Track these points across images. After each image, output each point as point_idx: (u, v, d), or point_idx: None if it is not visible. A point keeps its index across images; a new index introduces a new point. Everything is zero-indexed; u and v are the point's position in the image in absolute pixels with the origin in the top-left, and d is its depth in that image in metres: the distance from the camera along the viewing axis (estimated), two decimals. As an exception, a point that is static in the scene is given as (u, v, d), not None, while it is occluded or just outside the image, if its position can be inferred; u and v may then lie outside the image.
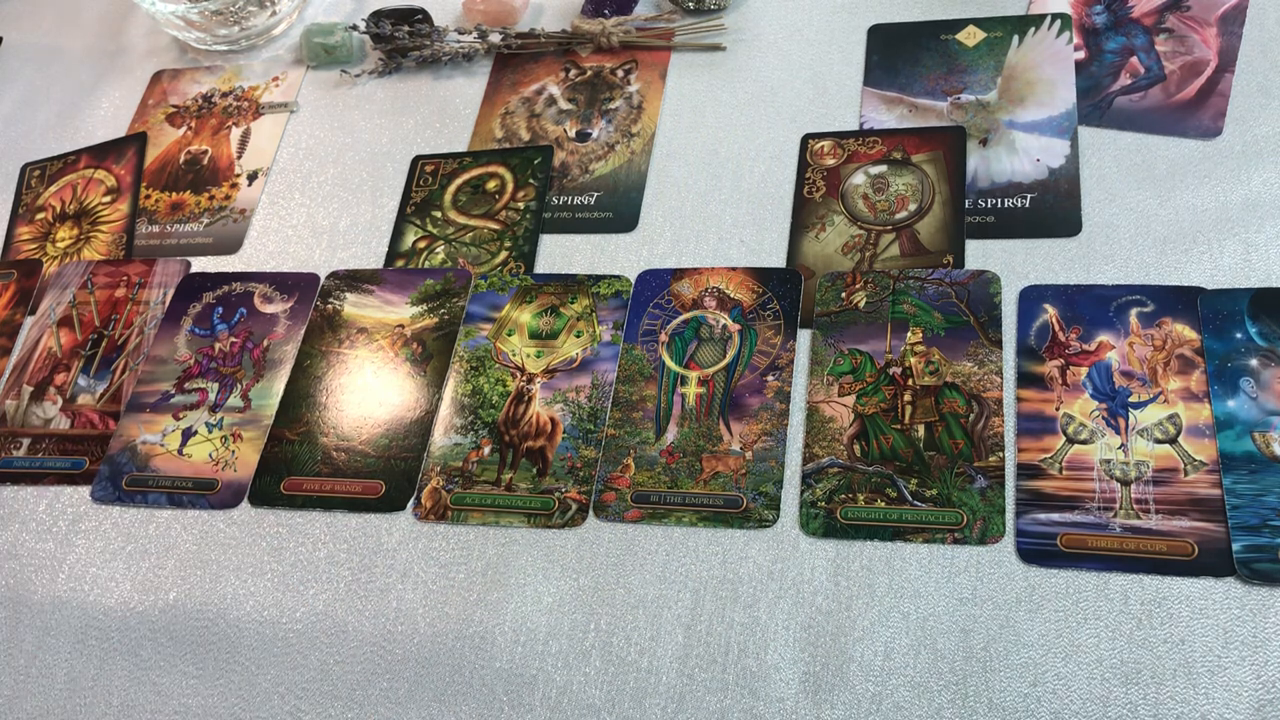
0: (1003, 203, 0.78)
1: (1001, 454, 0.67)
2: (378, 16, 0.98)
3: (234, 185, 0.95)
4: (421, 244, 0.87)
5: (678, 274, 0.80)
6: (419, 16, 0.98)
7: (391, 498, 0.74)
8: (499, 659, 0.66)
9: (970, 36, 0.87)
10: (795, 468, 0.70)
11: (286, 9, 1.04)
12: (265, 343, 0.83)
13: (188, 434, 0.80)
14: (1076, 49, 0.84)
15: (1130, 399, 0.67)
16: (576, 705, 0.64)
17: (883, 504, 0.67)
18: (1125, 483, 0.65)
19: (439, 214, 0.89)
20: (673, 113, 0.90)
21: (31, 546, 0.77)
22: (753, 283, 0.78)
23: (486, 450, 0.74)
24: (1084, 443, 0.66)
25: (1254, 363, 0.67)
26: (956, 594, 0.63)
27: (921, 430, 0.69)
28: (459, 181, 0.90)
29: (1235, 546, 0.61)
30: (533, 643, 0.67)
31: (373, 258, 0.87)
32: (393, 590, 0.70)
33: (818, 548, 0.67)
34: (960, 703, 0.60)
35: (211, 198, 0.95)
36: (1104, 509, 0.64)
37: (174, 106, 1.02)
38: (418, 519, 0.73)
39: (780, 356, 0.74)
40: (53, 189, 1.00)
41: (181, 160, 0.98)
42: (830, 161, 0.83)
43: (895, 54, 0.88)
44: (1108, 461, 0.65)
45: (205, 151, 0.98)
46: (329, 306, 0.84)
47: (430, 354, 0.80)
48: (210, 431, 0.79)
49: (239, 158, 0.97)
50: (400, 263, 0.86)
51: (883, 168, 0.82)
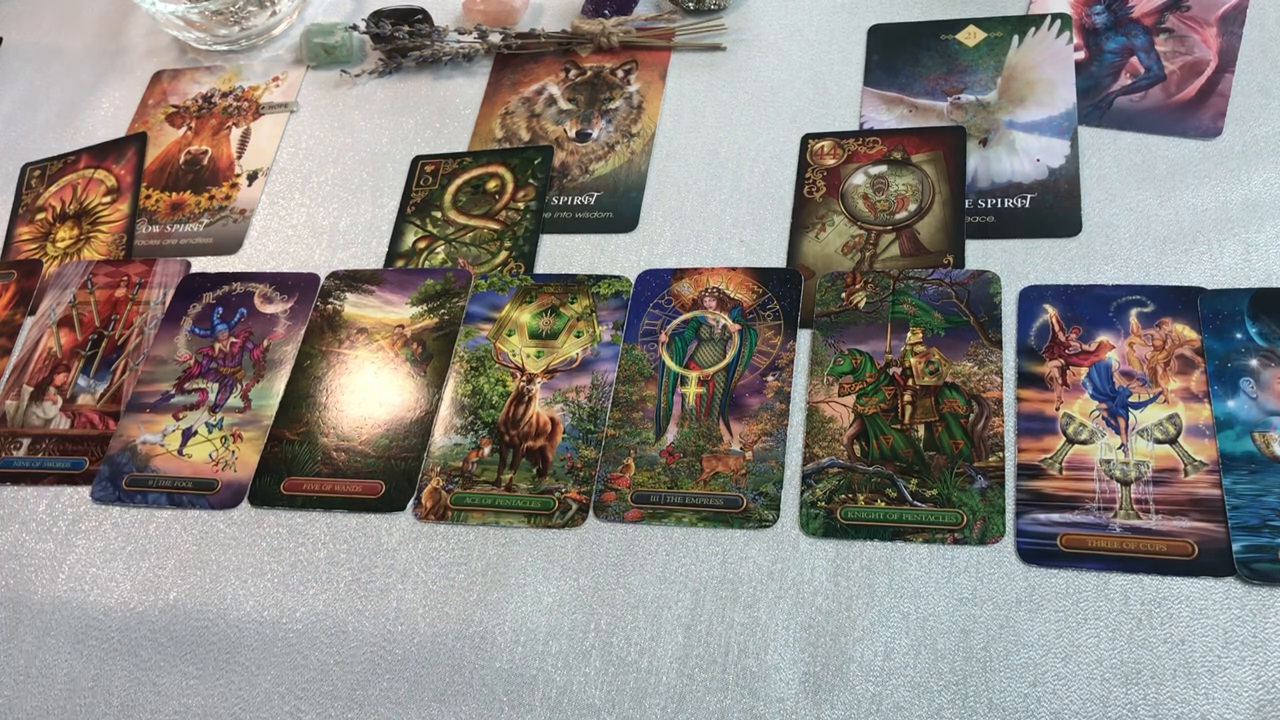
0: (1003, 203, 0.78)
1: (1001, 454, 0.67)
2: (378, 16, 0.98)
3: (234, 185, 0.95)
4: (421, 244, 0.87)
5: (678, 274, 0.80)
6: (419, 16, 0.98)
7: (391, 498, 0.74)
8: (499, 659, 0.66)
9: (970, 36, 0.87)
10: (795, 468, 0.70)
11: (286, 9, 1.04)
12: (265, 343, 0.83)
13: (188, 434, 0.80)
14: (1076, 49, 0.84)
15: (1130, 399, 0.67)
16: (576, 705, 0.64)
17: (883, 504, 0.67)
18: (1125, 483, 0.65)
19: (439, 214, 0.89)
20: (673, 113, 0.90)
21: (31, 546, 0.77)
22: (753, 283, 0.78)
23: (486, 450, 0.74)
24: (1084, 443, 0.66)
25: (1254, 363, 0.67)
26: (956, 594, 0.63)
27: (921, 430, 0.69)
28: (459, 182, 0.90)
29: (1235, 547, 0.61)
30: (533, 643, 0.67)
31: (373, 258, 0.87)
32: (393, 590, 0.70)
33: (818, 548, 0.67)
34: (960, 703, 0.60)
35: (211, 198, 0.95)
36: (1104, 509, 0.64)
37: (174, 106, 1.02)
38: (418, 519, 0.73)
39: (780, 356, 0.74)
40: (53, 189, 1.00)
41: (181, 160, 0.98)
42: (830, 161, 0.83)
43: (895, 54, 0.88)
44: (1108, 462, 0.65)
45: (205, 151, 0.98)
46: (329, 306, 0.84)
47: (430, 354, 0.80)
48: (210, 432, 0.79)
49: (239, 158, 0.97)
50: (400, 263, 0.86)
51: (883, 168, 0.82)
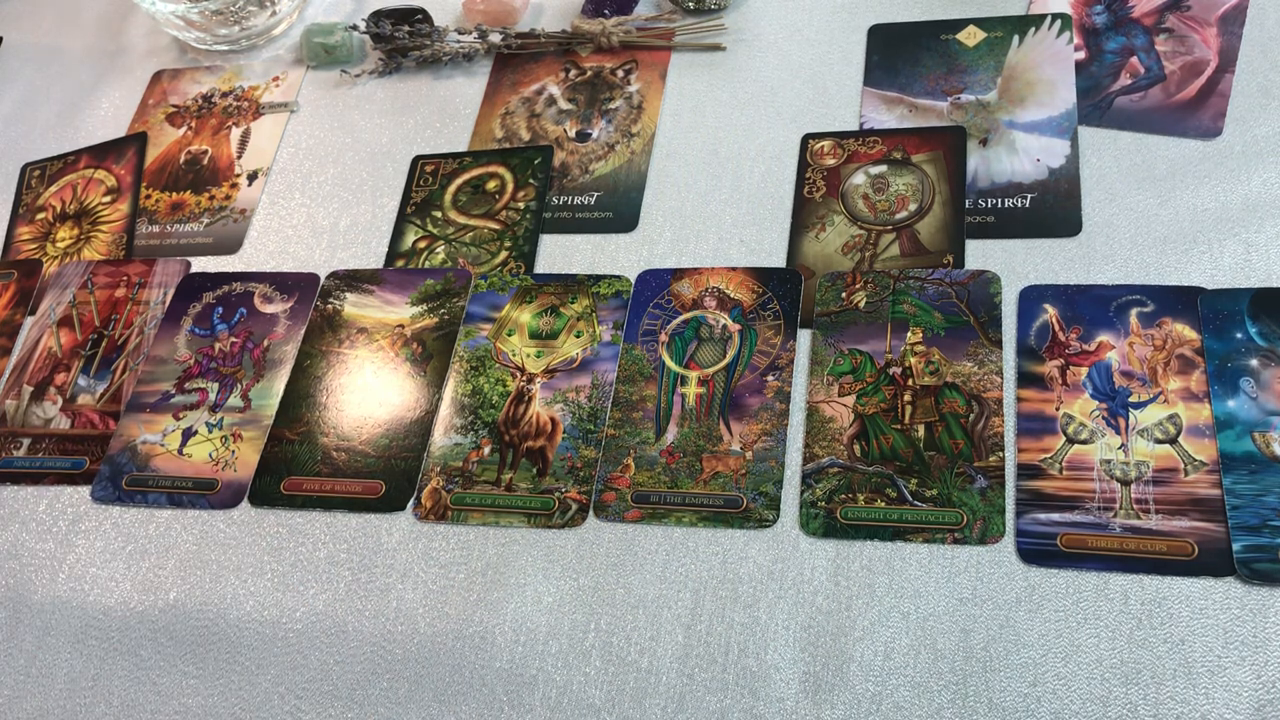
0: (1003, 203, 0.78)
1: (1001, 454, 0.67)
2: (378, 16, 0.98)
3: (234, 185, 0.95)
4: (422, 244, 0.87)
5: (678, 274, 0.80)
6: (419, 16, 0.98)
7: (391, 498, 0.74)
8: (499, 659, 0.66)
9: (970, 36, 0.87)
10: (795, 468, 0.70)
11: (286, 9, 1.04)
12: (265, 343, 0.83)
13: (188, 434, 0.80)
14: (1076, 49, 0.84)
15: (1130, 399, 0.67)
16: (576, 705, 0.64)
17: (883, 504, 0.67)
18: (1125, 483, 0.65)
19: (439, 214, 0.89)
20: (673, 113, 0.90)
21: (31, 546, 0.77)
22: (753, 283, 0.78)
23: (486, 450, 0.74)
24: (1084, 443, 0.66)
25: (1254, 363, 0.67)
26: (956, 594, 0.63)
27: (921, 430, 0.69)
28: (459, 181, 0.90)
29: (1235, 546, 0.61)
30: (533, 643, 0.67)
31: (373, 258, 0.87)
32: (393, 590, 0.70)
33: (818, 548, 0.67)
34: (960, 703, 0.60)
35: (211, 198, 0.95)
36: (1104, 509, 0.64)
37: (174, 106, 1.02)
38: (418, 519, 0.73)
39: (780, 356, 0.74)
40: (53, 189, 1.00)
41: (182, 160, 0.98)
42: (830, 161, 0.83)
43: (895, 54, 0.88)
44: (1108, 461, 0.65)
45: (205, 151, 0.98)
46: (329, 306, 0.84)
47: (430, 354, 0.80)
48: (210, 431, 0.79)
49: (239, 158, 0.97)
50: (400, 263, 0.86)
51: (883, 168, 0.82)
